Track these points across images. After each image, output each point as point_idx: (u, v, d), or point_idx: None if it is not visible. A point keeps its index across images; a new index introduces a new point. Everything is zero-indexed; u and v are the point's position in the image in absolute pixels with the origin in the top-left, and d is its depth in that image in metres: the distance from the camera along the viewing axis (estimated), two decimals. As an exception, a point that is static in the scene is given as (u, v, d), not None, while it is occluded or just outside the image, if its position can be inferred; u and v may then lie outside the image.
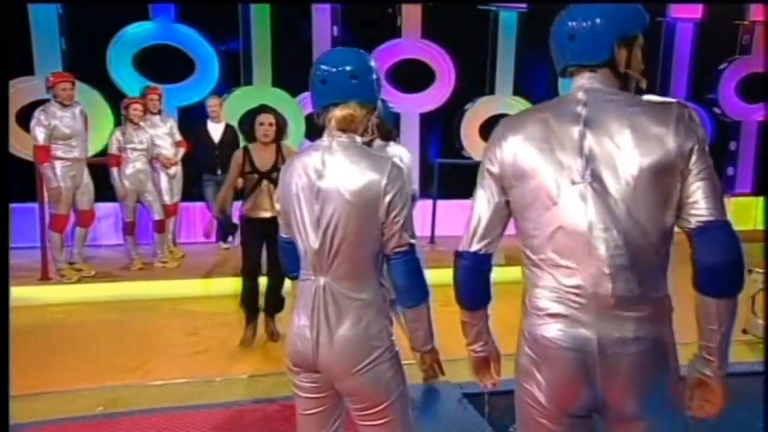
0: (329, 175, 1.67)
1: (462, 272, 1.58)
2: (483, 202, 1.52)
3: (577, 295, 1.39)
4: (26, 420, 2.91)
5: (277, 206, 1.86)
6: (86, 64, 6.57)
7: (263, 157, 3.94)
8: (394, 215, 1.65)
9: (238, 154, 3.99)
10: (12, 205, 5.38)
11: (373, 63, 1.73)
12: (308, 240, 1.70)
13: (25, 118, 6.15)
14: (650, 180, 1.36)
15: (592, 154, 1.39)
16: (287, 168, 1.78)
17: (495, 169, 1.49)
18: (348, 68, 1.68)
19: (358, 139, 1.73)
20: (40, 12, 6.46)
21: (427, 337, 1.78)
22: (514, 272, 1.77)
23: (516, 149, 1.46)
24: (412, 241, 1.70)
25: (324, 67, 1.69)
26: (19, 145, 6.04)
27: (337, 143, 1.70)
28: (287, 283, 3.28)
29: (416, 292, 1.73)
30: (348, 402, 1.77)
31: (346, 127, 1.70)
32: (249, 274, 4.11)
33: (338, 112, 1.68)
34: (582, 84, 1.48)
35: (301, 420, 1.83)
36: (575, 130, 1.41)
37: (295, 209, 1.72)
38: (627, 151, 1.37)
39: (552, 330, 1.42)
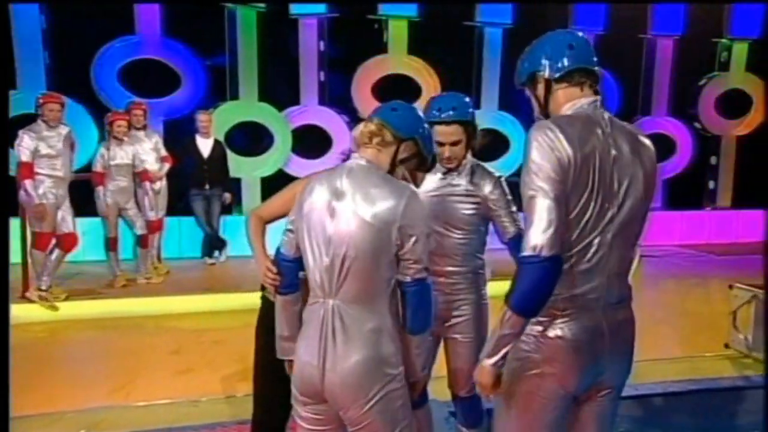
0: (347, 195, 1.69)
1: (549, 276, 1.50)
2: (553, 203, 1.49)
3: (589, 299, 1.61)
4: (6, 444, 2.85)
5: (290, 226, 1.84)
6: (70, 79, 6.54)
7: None
8: (412, 242, 1.66)
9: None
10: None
11: (425, 121, 1.85)
12: (320, 257, 1.70)
13: (6, 131, 6.09)
14: (645, 206, 1.65)
15: (620, 181, 1.59)
16: (306, 188, 1.78)
17: (561, 173, 1.50)
18: (396, 102, 1.83)
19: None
20: (24, 26, 6.41)
21: (422, 366, 1.80)
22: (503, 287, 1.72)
23: (576, 162, 1.52)
24: (427, 268, 1.73)
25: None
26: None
27: (358, 166, 1.74)
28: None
29: (424, 319, 1.75)
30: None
31: (367, 143, 1.75)
32: None
33: (363, 126, 1.78)
34: (596, 101, 1.65)
35: None
36: (610, 156, 1.58)
37: (308, 227, 1.73)
38: (638, 178, 1.61)
39: (567, 327, 1.59)
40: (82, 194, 5.52)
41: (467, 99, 2.32)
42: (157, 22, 6.88)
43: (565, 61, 1.63)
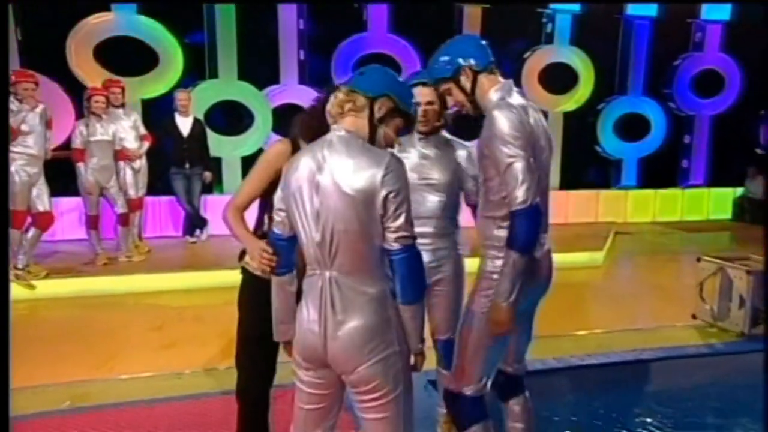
0: (328, 168, 1.70)
1: (538, 219, 1.95)
2: (527, 164, 1.90)
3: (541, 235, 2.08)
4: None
5: (281, 205, 1.85)
6: (44, 56, 6.42)
7: None
8: (394, 209, 1.66)
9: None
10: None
11: (398, 79, 1.86)
12: (310, 233, 1.73)
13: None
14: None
15: (544, 138, 2.07)
16: (291, 165, 1.79)
17: (528, 141, 1.93)
18: (365, 68, 1.85)
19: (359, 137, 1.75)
20: (-5, 1, 6.28)
21: (420, 336, 1.80)
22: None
23: (533, 131, 1.98)
24: (413, 235, 1.71)
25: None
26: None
27: (338, 138, 1.75)
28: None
29: (415, 288, 1.73)
30: (354, 394, 1.78)
31: (341, 113, 1.76)
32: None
33: (333, 97, 1.79)
34: (511, 83, 2.08)
35: (300, 413, 1.86)
36: (538, 123, 2.04)
37: (296, 203, 1.75)
38: (549, 135, 2.13)
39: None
40: (61, 173, 5.46)
41: None
42: (134, -1, 6.78)
43: (488, 55, 2.07)
